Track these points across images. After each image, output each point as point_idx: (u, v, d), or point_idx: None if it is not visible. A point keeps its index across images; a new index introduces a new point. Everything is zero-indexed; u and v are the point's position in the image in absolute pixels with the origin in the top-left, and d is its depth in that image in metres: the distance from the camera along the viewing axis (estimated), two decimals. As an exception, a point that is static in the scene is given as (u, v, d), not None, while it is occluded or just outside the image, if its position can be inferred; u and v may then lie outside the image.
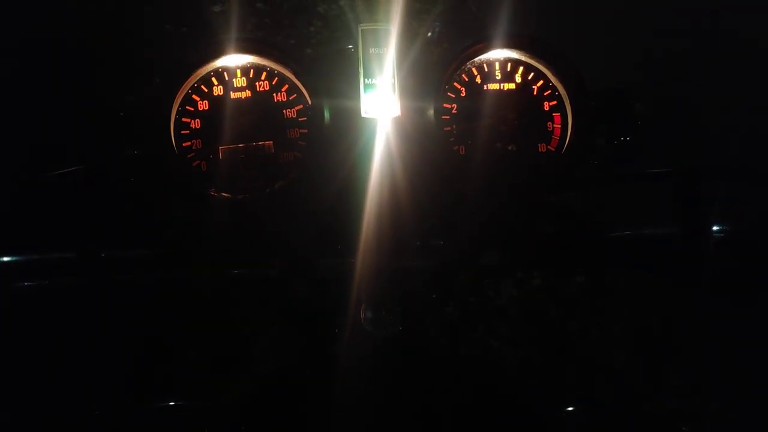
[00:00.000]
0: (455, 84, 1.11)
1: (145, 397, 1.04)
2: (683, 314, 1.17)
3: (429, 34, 1.23)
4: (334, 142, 1.06)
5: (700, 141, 1.22)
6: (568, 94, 1.12)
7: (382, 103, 1.05)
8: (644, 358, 1.24)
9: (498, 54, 1.13)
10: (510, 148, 1.10)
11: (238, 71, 1.08)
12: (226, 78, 1.08)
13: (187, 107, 1.07)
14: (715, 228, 0.99)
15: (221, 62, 1.08)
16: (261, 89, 1.08)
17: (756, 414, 1.07)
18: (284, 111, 1.08)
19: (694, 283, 1.01)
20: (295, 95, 1.09)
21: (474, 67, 1.12)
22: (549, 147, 1.11)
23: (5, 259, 0.96)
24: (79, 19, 1.18)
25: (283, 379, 1.03)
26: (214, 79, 1.08)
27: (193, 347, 1.09)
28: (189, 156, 1.06)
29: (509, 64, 1.13)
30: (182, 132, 1.06)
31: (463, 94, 1.11)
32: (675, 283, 1.09)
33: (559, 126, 1.12)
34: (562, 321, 1.29)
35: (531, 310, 1.29)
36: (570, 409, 1.10)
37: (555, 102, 1.12)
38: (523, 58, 1.13)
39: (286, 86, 1.09)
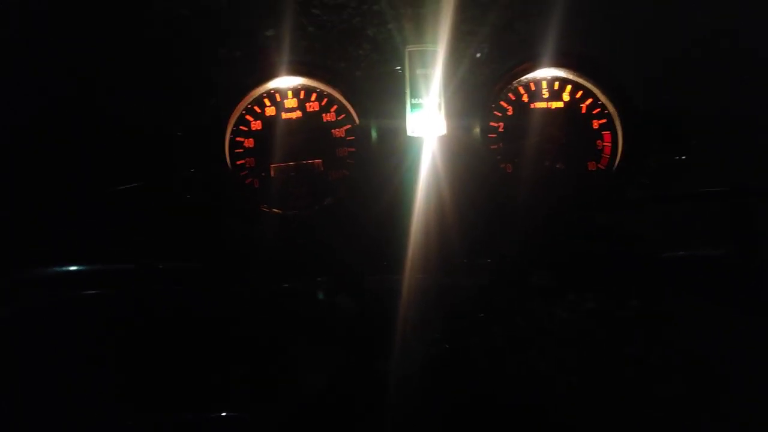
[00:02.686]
0: (502, 103, 1.12)
1: (190, 408, 1.06)
2: (737, 340, 1.12)
3: (477, 55, 1.24)
4: (381, 160, 1.08)
5: (754, 160, 1.18)
6: (617, 113, 1.11)
7: (428, 122, 1.07)
8: (696, 387, 1.19)
9: (545, 73, 1.13)
10: (558, 166, 1.09)
11: (290, 92, 1.12)
12: (278, 99, 1.12)
13: (241, 127, 1.11)
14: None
15: (273, 84, 1.13)
16: (311, 110, 1.12)
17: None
18: (333, 131, 1.11)
19: (752, 306, 0.97)
20: (343, 115, 1.12)
21: (521, 86, 1.13)
22: (599, 165, 1.10)
23: (69, 268, 1.01)
24: (141, 44, 1.24)
25: (329, 394, 1.04)
26: (266, 100, 1.12)
27: (241, 361, 1.11)
28: (242, 173, 1.10)
29: (556, 83, 1.13)
30: (236, 150, 1.11)
31: (510, 113, 1.12)
32: (730, 307, 1.05)
33: (609, 144, 1.10)
34: (612, 345, 1.25)
35: (578, 333, 1.26)
36: None
37: (605, 120, 1.11)
38: (570, 76, 1.13)
39: (335, 107, 1.12)
